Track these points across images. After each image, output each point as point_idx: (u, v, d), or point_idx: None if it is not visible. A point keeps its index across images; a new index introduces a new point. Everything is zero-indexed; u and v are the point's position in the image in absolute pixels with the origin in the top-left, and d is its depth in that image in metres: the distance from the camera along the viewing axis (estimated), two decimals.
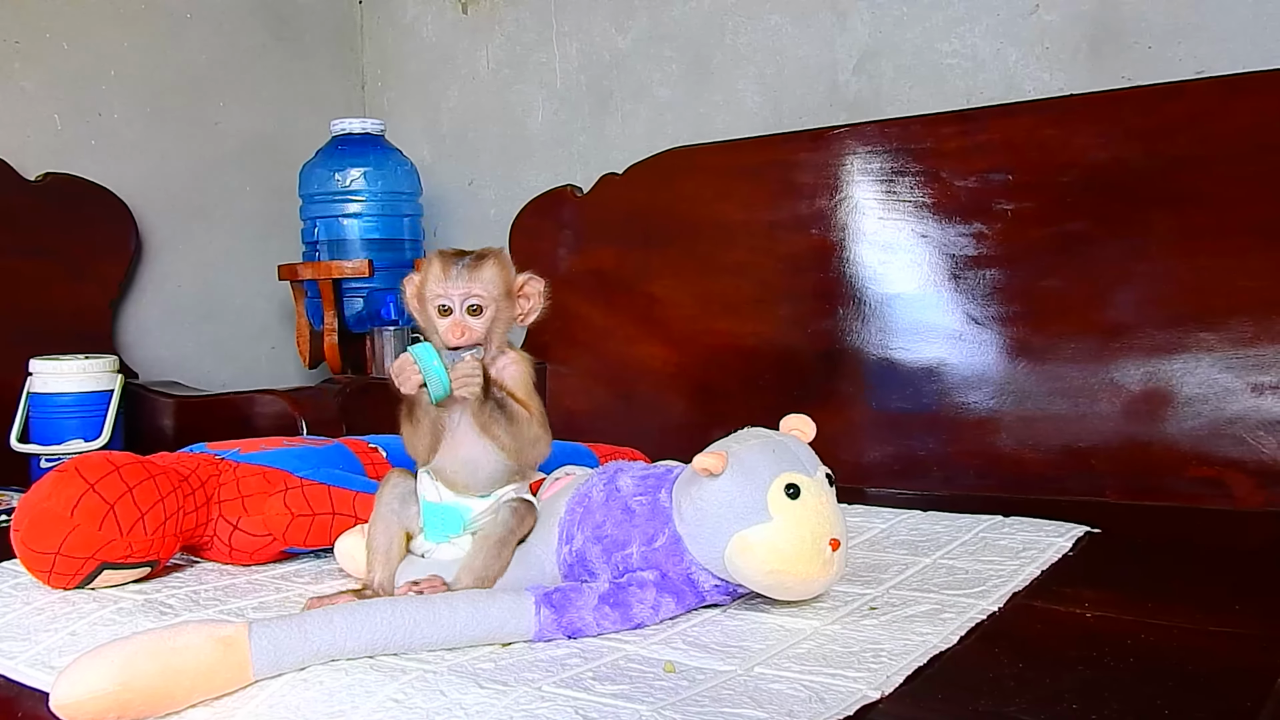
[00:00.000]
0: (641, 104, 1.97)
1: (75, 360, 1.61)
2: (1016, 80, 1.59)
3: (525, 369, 0.98)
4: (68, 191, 1.81)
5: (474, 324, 0.95)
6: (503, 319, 0.97)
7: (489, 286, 0.95)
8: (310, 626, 0.78)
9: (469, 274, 0.95)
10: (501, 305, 0.96)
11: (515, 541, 0.95)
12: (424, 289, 0.97)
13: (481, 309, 0.95)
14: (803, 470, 0.88)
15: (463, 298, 0.95)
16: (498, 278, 0.96)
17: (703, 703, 0.70)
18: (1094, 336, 1.44)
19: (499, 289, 0.96)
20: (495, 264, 0.96)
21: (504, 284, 0.96)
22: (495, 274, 0.96)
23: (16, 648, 0.90)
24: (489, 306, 0.95)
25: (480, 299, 0.95)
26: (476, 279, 0.95)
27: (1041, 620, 0.86)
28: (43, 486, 1.01)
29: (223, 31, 2.09)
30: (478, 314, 0.95)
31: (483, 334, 0.95)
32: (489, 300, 0.95)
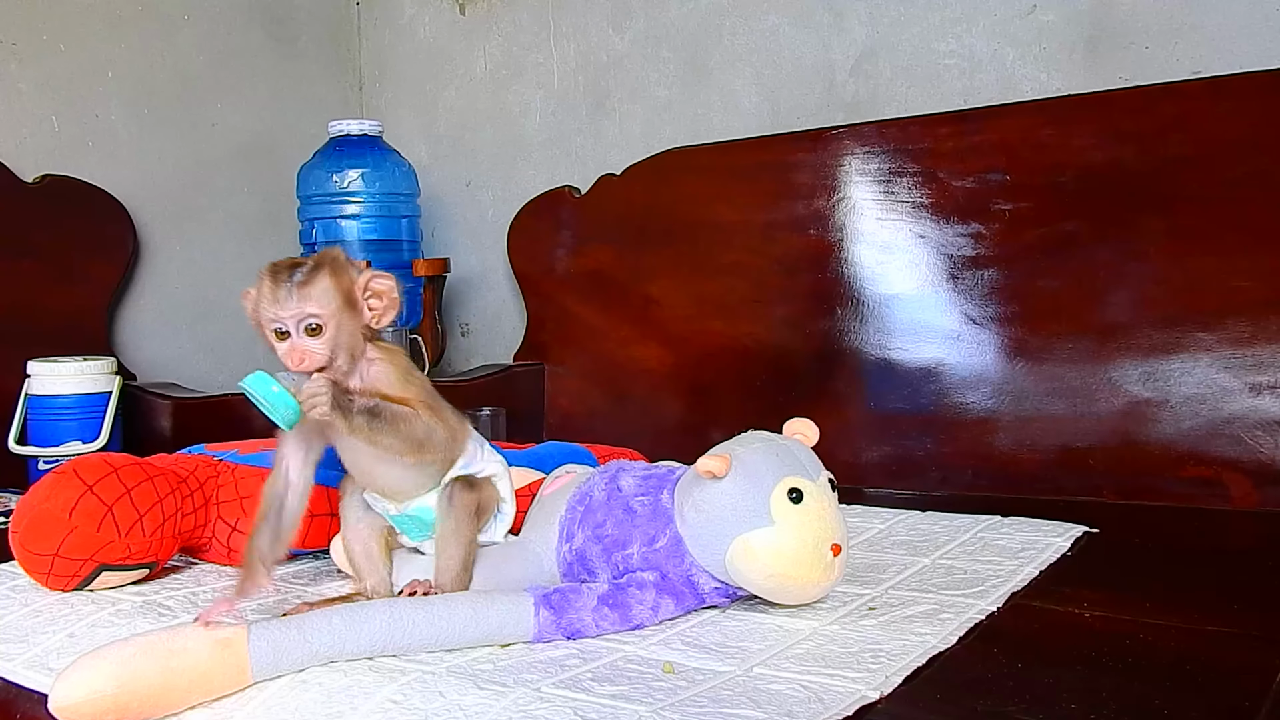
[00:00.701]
0: (639, 104, 1.97)
1: (73, 362, 1.61)
2: (1014, 80, 1.59)
3: (393, 363, 0.92)
4: (65, 193, 1.81)
5: (314, 346, 0.87)
6: (347, 331, 0.88)
7: (324, 302, 0.87)
8: (309, 628, 0.78)
9: (299, 292, 0.86)
10: (343, 318, 0.88)
11: (471, 522, 0.94)
12: (257, 312, 0.88)
13: (320, 328, 0.87)
14: (805, 474, 0.88)
15: (297, 319, 0.86)
16: (333, 289, 0.87)
17: (702, 703, 0.70)
18: (1091, 337, 1.45)
19: (337, 301, 0.87)
20: (328, 275, 0.87)
21: (342, 294, 0.88)
22: (329, 286, 0.87)
23: (14, 649, 0.90)
24: (328, 324, 0.87)
25: (317, 317, 0.87)
26: (308, 297, 0.86)
27: (1040, 620, 0.86)
28: (41, 488, 1.00)
29: (219, 33, 2.09)
30: (317, 334, 0.87)
31: (326, 355, 0.87)
32: (327, 317, 0.87)
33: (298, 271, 0.87)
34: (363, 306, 0.90)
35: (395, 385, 0.90)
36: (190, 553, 1.12)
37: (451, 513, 0.93)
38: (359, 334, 0.89)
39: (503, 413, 1.74)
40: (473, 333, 2.21)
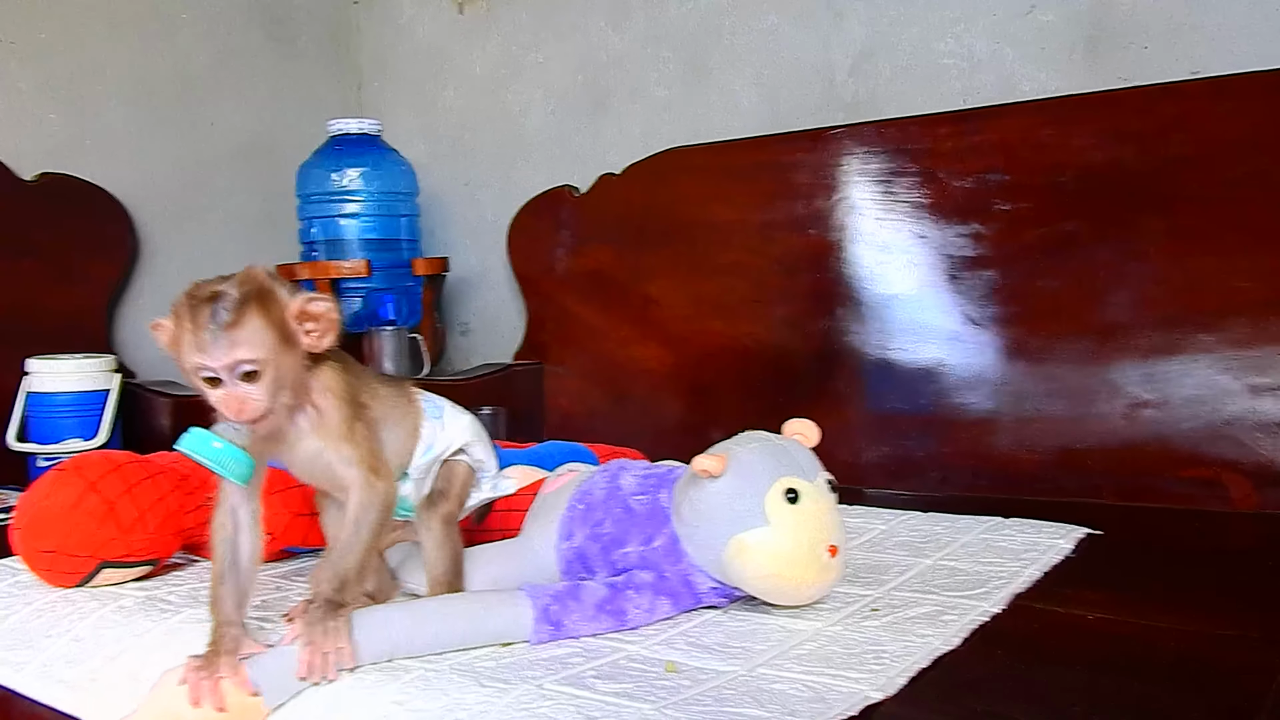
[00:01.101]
0: (638, 104, 1.97)
1: (73, 360, 1.61)
2: (1014, 80, 1.59)
3: (338, 410, 0.83)
4: (64, 192, 1.80)
5: (252, 392, 0.77)
6: (287, 367, 0.79)
7: (258, 344, 0.77)
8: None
9: (228, 335, 0.76)
10: (281, 354, 0.78)
11: (452, 531, 0.93)
12: (180, 356, 0.78)
13: (258, 372, 0.77)
14: (802, 475, 0.88)
15: (229, 367, 0.76)
16: (265, 327, 0.77)
17: (705, 702, 0.70)
18: (1091, 337, 1.45)
19: (271, 339, 0.77)
20: (257, 311, 0.77)
21: (276, 330, 0.78)
22: (261, 324, 0.77)
23: (21, 656, 0.90)
24: (266, 367, 0.77)
25: (252, 362, 0.77)
26: (238, 341, 0.76)
27: (1043, 622, 0.86)
28: (43, 485, 1.01)
29: (218, 32, 2.08)
30: (254, 379, 0.77)
31: (269, 400, 0.78)
32: (264, 360, 0.77)
33: (220, 310, 0.76)
34: (299, 336, 0.80)
35: (339, 435, 0.83)
36: (191, 550, 1.12)
37: (431, 534, 0.92)
38: (300, 367, 0.80)
39: (503, 412, 1.75)
40: (472, 332, 2.21)
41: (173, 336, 0.78)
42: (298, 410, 0.82)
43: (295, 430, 0.83)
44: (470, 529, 1.03)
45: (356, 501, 0.83)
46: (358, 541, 0.82)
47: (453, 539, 0.94)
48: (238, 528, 0.82)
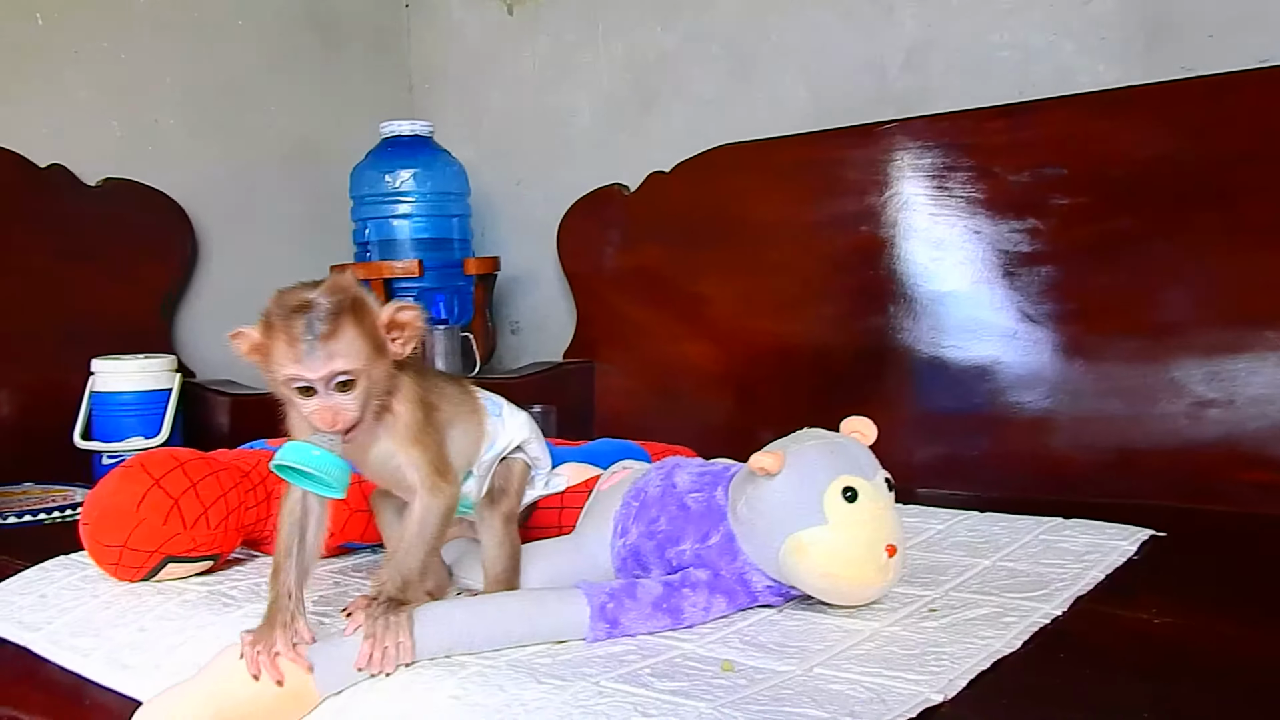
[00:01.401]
0: (686, 102, 1.96)
1: (135, 360, 1.64)
2: (1070, 73, 1.57)
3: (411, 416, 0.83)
4: (126, 196, 1.84)
5: (346, 402, 0.78)
6: (379, 376, 0.80)
7: (354, 355, 0.78)
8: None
9: (325, 347, 0.76)
10: (374, 363, 0.79)
11: (510, 529, 0.93)
12: (272, 364, 0.78)
13: (352, 382, 0.78)
14: (861, 473, 0.87)
15: (325, 377, 0.77)
16: (360, 338, 0.78)
17: (762, 701, 0.70)
18: (1150, 336, 1.42)
19: (367, 348, 0.78)
20: (351, 321, 0.78)
21: (370, 341, 0.79)
22: (356, 335, 0.78)
23: (88, 644, 0.92)
24: (360, 377, 0.78)
25: (349, 373, 0.78)
26: (336, 353, 0.77)
27: (1106, 626, 0.85)
28: (110, 481, 1.03)
29: (270, 37, 2.12)
30: (349, 388, 0.78)
31: (360, 409, 0.79)
32: (359, 370, 0.78)
33: (316, 321, 0.76)
34: (388, 345, 0.81)
35: (410, 438, 0.83)
36: (252, 545, 1.14)
37: (491, 531, 0.93)
38: (388, 374, 0.82)
39: (553, 410, 1.75)
40: (523, 331, 2.22)
41: (259, 345, 0.79)
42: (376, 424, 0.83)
43: (370, 432, 0.84)
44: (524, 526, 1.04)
45: (422, 504, 0.84)
46: (420, 543, 0.83)
47: (512, 537, 0.94)
48: (307, 511, 0.83)
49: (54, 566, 1.09)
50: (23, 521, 1.36)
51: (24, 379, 1.69)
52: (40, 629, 0.97)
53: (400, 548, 0.83)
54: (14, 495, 1.48)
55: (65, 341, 1.71)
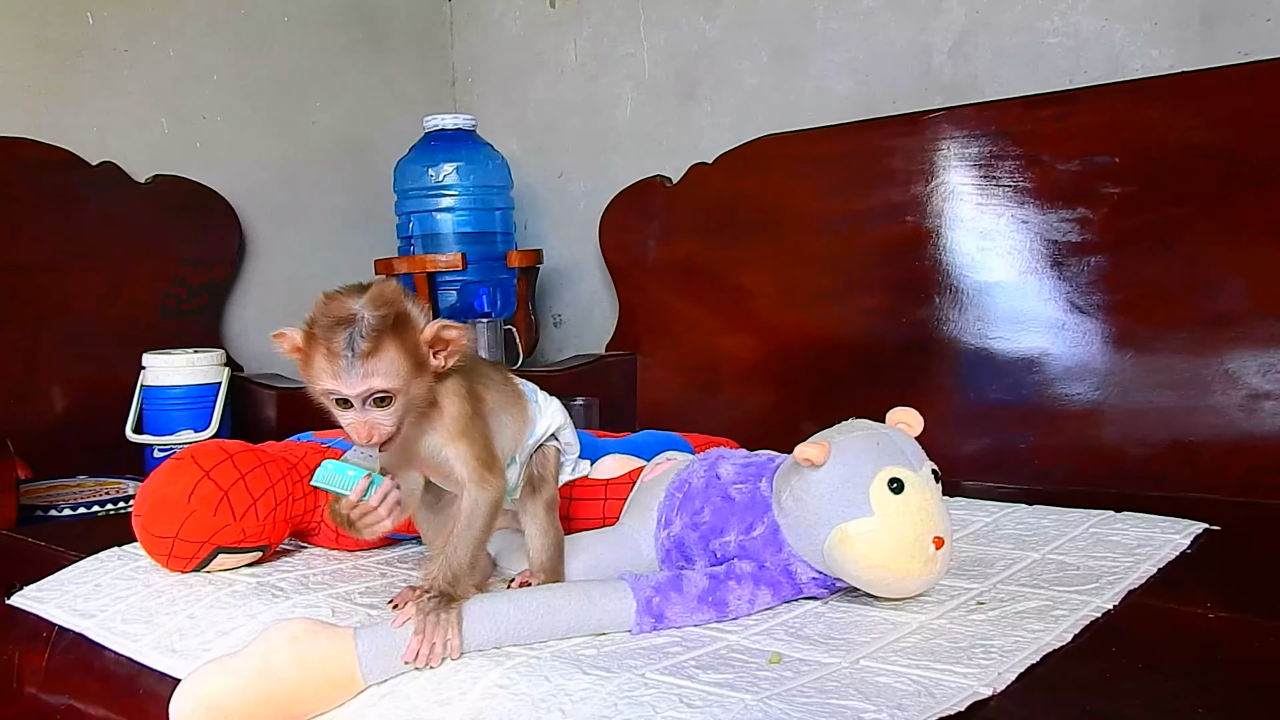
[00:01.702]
0: (729, 93, 1.95)
1: (185, 354, 1.67)
2: (1122, 59, 1.54)
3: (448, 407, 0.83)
4: (175, 193, 1.87)
5: (382, 418, 0.78)
6: (417, 393, 0.80)
7: (393, 374, 0.78)
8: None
9: (364, 365, 0.76)
10: (413, 380, 0.79)
11: (552, 513, 0.94)
12: (311, 374, 0.79)
13: (390, 398, 0.78)
14: (907, 465, 0.87)
15: (362, 395, 0.77)
16: (400, 357, 0.78)
17: (808, 694, 0.69)
18: (1204, 326, 1.39)
19: (407, 367, 0.78)
20: (392, 340, 0.77)
21: (410, 359, 0.79)
22: (396, 354, 0.78)
23: (140, 630, 0.94)
24: (398, 395, 0.78)
25: (386, 391, 0.78)
26: (375, 371, 0.77)
27: (1159, 621, 0.83)
28: (161, 474, 1.05)
29: (315, 34, 2.14)
30: (385, 404, 0.78)
31: (397, 425, 0.79)
32: (397, 389, 0.78)
33: (357, 338, 0.76)
34: (429, 361, 0.81)
35: (457, 432, 0.84)
36: (300, 537, 1.15)
37: (534, 520, 0.93)
38: (429, 387, 0.81)
39: (596, 402, 1.76)
40: (565, 323, 2.23)
41: (301, 353, 0.79)
42: (415, 428, 0.83)
43: (418, 428, 0.84)
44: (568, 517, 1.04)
45: (470, 498, 0.84)
46: (469, 536, 0.84)
47: (555, 524, 0.95)
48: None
49: (108, 557, 1.11)
50: (77, 514, 1.39)
51: (78, 374, 1.72)
52: (94, 616, 0.99)
53: (450, 541, 0.84)
54: (69, 488, 1.51)
55: (117, 337, 1.75)
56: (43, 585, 1.08)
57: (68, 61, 1.80)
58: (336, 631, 0.78)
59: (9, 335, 1.67)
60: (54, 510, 1.38)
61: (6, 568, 1.23)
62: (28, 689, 1.07)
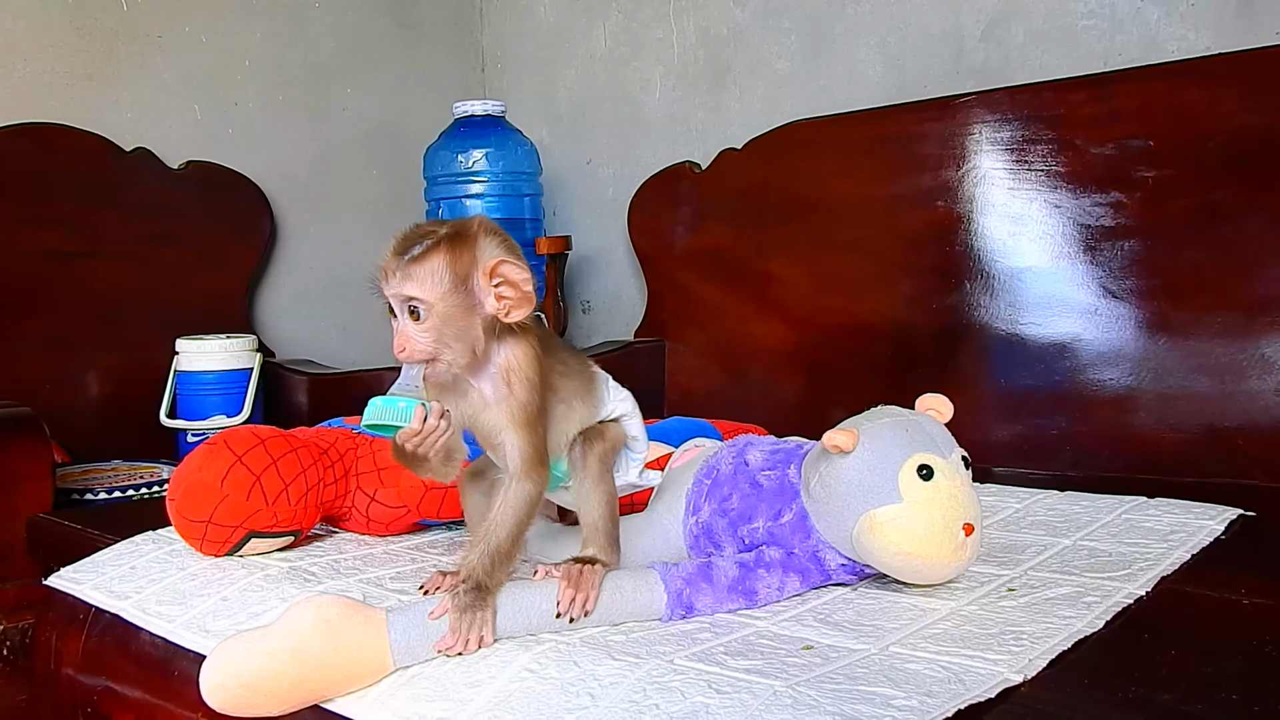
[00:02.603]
0: (759, 78, 1.94)
1: (218, 340, 1.68)
2: (1159, 40, 1.51)
3: (516, 390, 0.81)
4: (208, 179, 1.89)
5: (414, 334, 0.77)
6: (459, 321, 0.78)
7: (429, 285, 0.76)
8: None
9: (404, 269, 0.77)
10: (453, 303, 0.77)
11: (607, 474, 0.89)
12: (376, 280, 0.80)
13: (418, 313, 0.77)
14: (937, 451, 0.86)
15: (400, 301, 0.77)
16: (444, 269, 0.76)
17: (838, 680, 0.69)
18: (1241, 311, 1.37)
19: (445, 283, 0.76)
20: (444, 254, 0.76)
21: (454, 275, 0.77)
22: (441, 265, 0.76)
23: (174, 611, 0.95)
24: (430, 311, 0.77)
25: (418, 301, 0.77)
26: (411, 276, 0.76)
27: (1194, 606, 0.82)
28: (194, 458, 1.06)
29: (347, 20, 2.15)
30: (418, 319, 0.77)
31: (428, 347, 0.77)
32: (429, 302, 0.76)
33: (413, 245, 0.77)
34: (484, 295, 0.78)
35: (519, 420, 0.82)
36: (331, 522, 1.16)
37: (587, 471, 0.88)
38: (476, 326, 0.79)
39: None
40: (594, 310, 2.23)
41: None
42: (484, 376, 0.82)
43: (481, 398, 0.83)
44: None
45: (514, 488, 0.83)
46: (508, 523, 0.83)
47: (607, 481, 0.90)
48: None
49: (143, 541, 1.12)
50: (112, 497, 1.41)
51: (113, 360, 1.75)
52: (129, 597, 1.00)
53: (489, 529, 0.83)
54: (104, 472, 1.53)
55: (151, 322, 1.77)
56: (79, 567, 1.10)
57: (102, 48, 1.81)
58: (369, 615, 0.78)
59: (45, 321, 1.69)
60: (90, 494, 1.40)
61: (44, 550, 1.25)
62: (65, 670, 1.09)
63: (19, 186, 1.68)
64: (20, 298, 1.67)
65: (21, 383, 1.62)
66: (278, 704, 0.76)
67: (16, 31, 1.73)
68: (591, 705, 0.69)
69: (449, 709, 0.72)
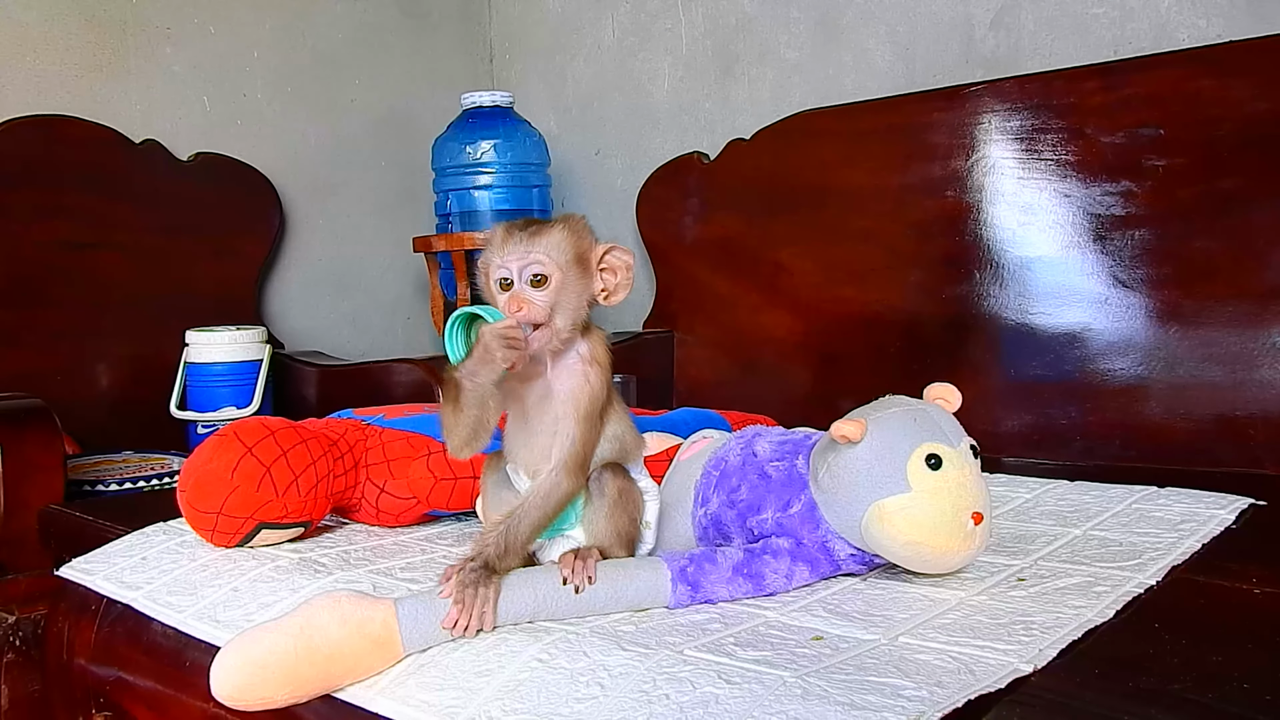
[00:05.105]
0: (768, 67, 1.94)
1: (227, 331, 1.69)
2: (1169, 28, 1.50)
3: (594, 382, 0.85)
4: (217, 170, 1.89)
5: (536, 296, 0.83)
6: (573, 293, 0.84)
7: (554, 252, 0.83)
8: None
9: (529, 240, 0.83)
10: (571, 276, 0.84)
11: (625, 501, 0.88)
12: (487, 261, 0.86)
13: (545, 279, 0.83)
14: (945, 441, 0.86)
15: (521, 266, 0.83)
16: (566, 243, 0.84)
17: (847, 670, 0.69)
18: (1252, 299, 1.36)
19: (567, 255, 0.84)
20: (564, 229, 0.84)
21: (575, 251, 0.84)
22: (563, 239, 0.84)
23: (184, 601, 0.95)
24: (553, 277, 0.83)
25: (543, 266, 0.83)
26: (537, 244, 0.83)
27: (1204, 596, 0.82)
28: (205, 450, 1.06)
29: (355, 11, 2.14)
30: (541, 285, 0.83)
31: (546, 309, 0.83)
32: (553, 269, 0.83)
33: (534, 224, 0.85)
34: (594, 274, 0.86)
35: (583, 414, 0.84)
36: (341, 513, 1.17)
37: (603, 499, 0.87)
38: (584, 302, 0.85)
39: (633, 380, 1.75)
40: None
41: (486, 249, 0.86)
42: (562, 363, 0.86)
43: (546, 387, 0.86)
44: None
45: (553, 480, 0.84)
46: (539, 514, 0.84)
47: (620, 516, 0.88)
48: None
49: (153, 532, 1.13)
50: (123, 489, 1.41)
51: (123, 351, 1.75)
52: (140, 588, 1.01)
53: (515, 514, 0.83)
54: (115, 463, 1.54)
55: (161, 314, 1.77)
56: (90, 558, 1.10)
57: (111, 39, 1.82)
58: (379, 599, 0.79)
59: (55, 313, 1.70)
60: (101, 485, 1.41)
61: (56, 541, 1.26)
62: (78, 660, 1.10)
63: (29, 178, 1.69)
64: (30, 289, 1.68)
65: (32, 374, 1.63)
66: (286, 684, 0.76)
67: (26, 23, 1.73)
68: (601, 695, 0.69)
69: (458, 697, 0.72)
